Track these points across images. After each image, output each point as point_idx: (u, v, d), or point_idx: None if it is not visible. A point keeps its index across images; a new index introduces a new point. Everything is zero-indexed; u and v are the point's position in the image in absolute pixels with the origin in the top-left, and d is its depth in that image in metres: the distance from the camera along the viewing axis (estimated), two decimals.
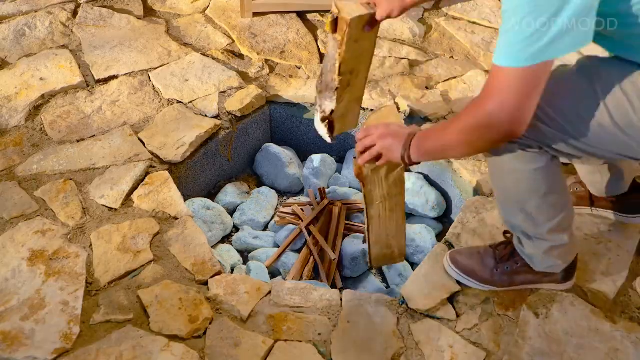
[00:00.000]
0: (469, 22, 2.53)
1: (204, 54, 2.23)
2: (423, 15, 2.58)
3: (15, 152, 1.75)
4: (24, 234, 1.48)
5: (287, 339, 1.29)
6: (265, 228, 1.91)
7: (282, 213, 1.87)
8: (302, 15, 2.51)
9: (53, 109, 1.91)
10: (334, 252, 1.72)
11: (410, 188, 1.92)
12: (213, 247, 1.74)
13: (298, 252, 1.78)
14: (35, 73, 2.05)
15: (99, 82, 2.06)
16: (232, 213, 1.93)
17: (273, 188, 2.03)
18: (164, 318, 1.30)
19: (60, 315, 1.28)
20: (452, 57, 2.32)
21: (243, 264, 1.73)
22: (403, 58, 2.27)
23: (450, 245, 1.50)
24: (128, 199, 1.61)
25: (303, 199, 1.99)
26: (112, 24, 2.36)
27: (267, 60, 2.23)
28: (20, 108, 1.90)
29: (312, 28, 2.44)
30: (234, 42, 2.33)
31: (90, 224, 1.53)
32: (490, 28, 2.49)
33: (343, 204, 1.91)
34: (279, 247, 1.78)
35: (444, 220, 1.96)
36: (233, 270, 1.68)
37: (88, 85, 2.04)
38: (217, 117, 1.93)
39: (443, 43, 2.39)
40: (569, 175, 1.60)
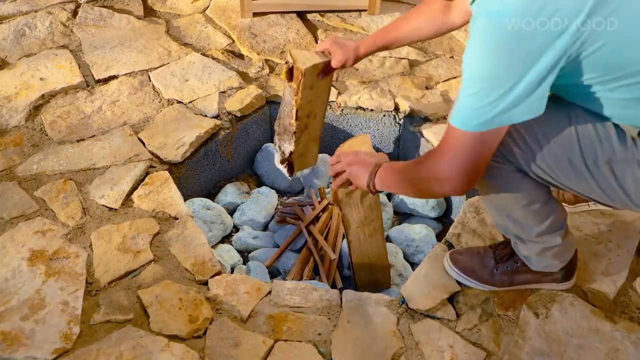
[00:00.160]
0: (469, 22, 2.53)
1: (204, 54, 2.23)
2: None
3: (15, 152, 1.75)
4: (24, 234, 1.48)
5: (287, 339, 1.29)
6: (265, 228, 1.91)
7: (282, 213, 1.87)
8: (302, 15, 2.51)
9: (53, 109, 1.91)
10: (334, 252, 1.72)
11: None
12: (213, 247, 1.74)
13: (298, 252, 1.78)
14: (35, 73, 2.05)
15: (99, 82, 2.06)
16: (232, 213, 1.93)
17: (273, 188, 2.03)
18: (164, 318, 1.30)
19: (60, 315, 1.28)
20: (452, 57, 2.33)
21: (243, 264, 1.73)
22: (403, 58, 2.27)
23: (450, 245, 1.50)
24: (128, 199, 1.61)
25: (303, 199, 1.99)
26: (112, 24, 2.36)
27: (267, 60, 2.23)
28: (20, 108, 1.90)
29: (312, 28, 2.44)
30: (234, 42, 2.33)
31: (90, 224, 1.53)
32: None
33: None
34: (279, 247, 1.79)
35: (444, 220, 1.96)
36: (233, 270, 1.68)
37: (88, 85, 2.04)
38: (217, 117, 1.94)
39: (443, 43, 2.39)
40: None
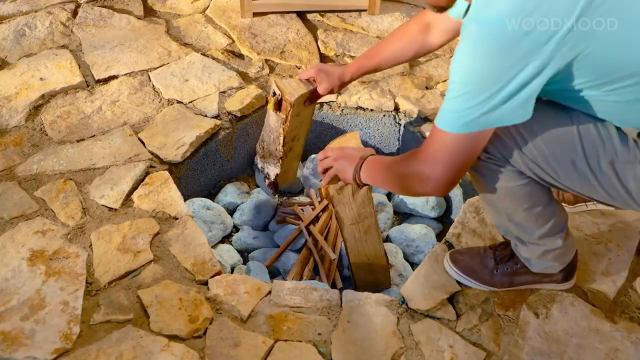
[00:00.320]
0: None
1: (204, 54, 2.23)
2: None
3: (15, 152, 1.75)
4: (24, 234, 1.48)
5: (287, 339, 1.28)
6: (265, 228, 1.91)
7: (282, 213, 1.87)
8: (302, 15, 2.51)
9: (53, 109, 1.91)
10: (334, 252, 1.71)
11: None
12: (213, 247, 1.74)
13: (298, 252, 1.78)
14: (35, 73, 2.05)
15: (99, 82, 2.06)
16: (232, 213, 1.93)
17: None
18: (164, 318, 1.30)
19: (60, 315, 1.28)
20: (452, 57, 2.32)
21: (243, 264, 1.73)
22: None
23: (450, 245, 1.50)
24: (128, 199, 1.61)
25: (303, 199, 1.99)
26: (112, 24, 2.36)
27: (267, 60, 2.23)
28: (20, 108, 1.90)
29: (312, 28, 2.44)
30: (234, 42, 2.33)
31: (90, 224, 1.53)
32: None
33: None
34: (279, 247, 1.78)
35: (444, 220, 1.96)
36: (233, 270, 1.68)
37: (88, 85, 2.04)
38: (217, 117, 1.94)
39: None
40: None
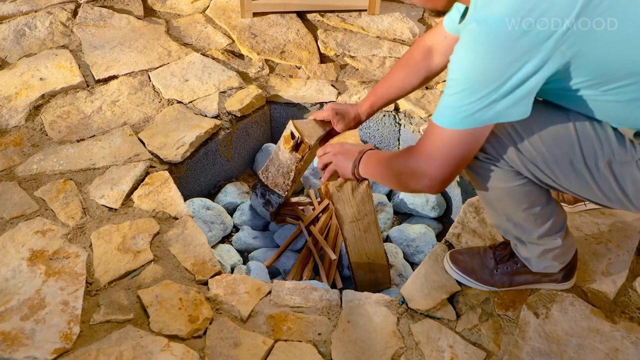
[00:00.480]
0: None
1: (204, 54, 2.23)
2: (423, 16, 2.58)
3: (15, 152, 1.75)
4: (24, 234, 1.48)
5: (287, 339, 1.28)
6: (265, 228, 1.91)
7: (282, 213, 1.87)
8: (302, 15, 2.51)
9: (53, 109, 1.91)
10: (334, 252, 1.71)
11: None
12: (213, 247, 1.74)
13: (298, 252, 1.78)
14: (35, 73, 2.05)
15: (99, 82, 2.06)
16: (232, 213, 1.93)
17: None
18: (164, 318, 1.30)
19: (60, 315, 1.28)
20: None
21: (243, 264, 1.73)
22: None
23: (450, 245, 1.50)
24: (128, 199, 1.61)
25: (303, 199, 1.99)
26: (112, 24, 2.36)
27: (267, 60, 2.23)
28: (20, 108, 1.90)
29: (312, 28, 2.44)
30: (234, 42, 2.33)
31: (90, 224, 1.53)
32: None
33: None
34: (279, 247, 1.78)
35: (444, 220, 1.96)
36: (233, 270, 1.68)
37: (88, 85, 2.04)
38: (217, 117, 1.94)
39: None
40: None
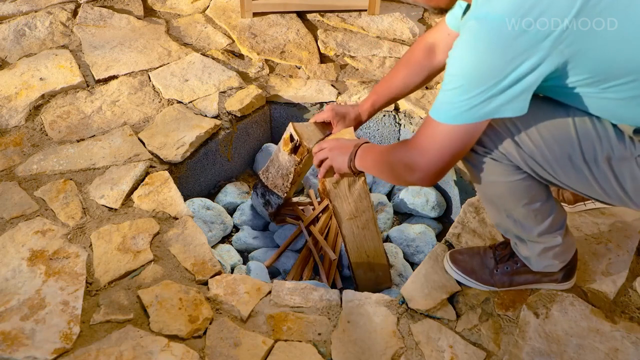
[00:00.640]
0: None
1: (204, 54, 2.23)
2: (423, 15, 2.58)
3: (15, 152, 1.75)
4: (24, 234, 1.48)
5: (287, 339, 1.29)
6: (265, 228, 1.91)
7: (282, 213, 1.87)
8: (302, 15, 2.51)
9: (53, 109, 1.91)
10: (334, 252, 1.71)
11: (411, 188, 1.92)
12: (213, 247, 1.74)
13: (298, 252, 1.78)
14: (35, 73, 2.05)
15: (99, 82, 2.06)
16: (232, 213, 1.93)
17: None
18: (164, 318, 1.30)
19: (60, 315, 1.28)
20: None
21: (243, 264, 1.73)
22: None
23: (450, 245, 1.50)
24: (128, 199, 1.61)
25: (303, 199, 1.99)
26: (112, 24, 2.36)
27: (267, 60, 2.23)
28: (20, 108, 1.90)
29: (312, 28, 2.44)
30: (234, 42, 2.33)
31: (90, 224, 1.53)
32: None
33: None
34: (279, 247, 1.79)
35: (444, 220, 1.96)
36: (233, 270, 1.68)
37: (88, 85, 2.04)
38: (217, 117, 1.94)
39: None
40: None
